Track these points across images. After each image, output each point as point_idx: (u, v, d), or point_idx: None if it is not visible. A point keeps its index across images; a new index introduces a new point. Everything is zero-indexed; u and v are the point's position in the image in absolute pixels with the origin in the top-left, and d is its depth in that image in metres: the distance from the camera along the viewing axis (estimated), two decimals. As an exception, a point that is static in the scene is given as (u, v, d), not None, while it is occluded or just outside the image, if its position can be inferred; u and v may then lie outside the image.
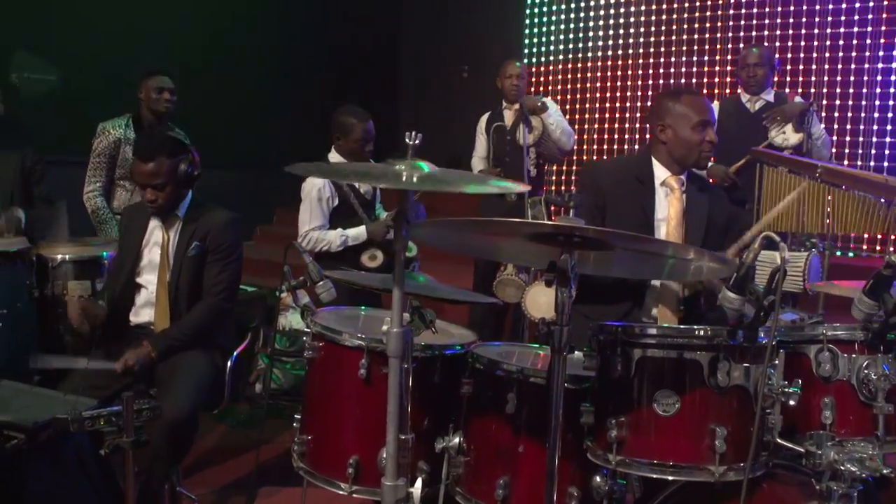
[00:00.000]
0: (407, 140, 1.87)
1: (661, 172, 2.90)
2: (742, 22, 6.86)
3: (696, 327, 1.98)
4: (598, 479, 2.17)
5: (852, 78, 6.32)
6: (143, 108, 4.63)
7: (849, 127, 6.31)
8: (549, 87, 7.94)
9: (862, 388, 2.06)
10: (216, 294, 3.25)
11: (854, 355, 2.08)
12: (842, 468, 1.81)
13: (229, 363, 3.27)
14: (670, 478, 1.99)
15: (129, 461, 2.33)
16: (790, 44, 6.59)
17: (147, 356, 3.08)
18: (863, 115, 6.28)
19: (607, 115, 7.67)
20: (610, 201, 2.84)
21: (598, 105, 7.72)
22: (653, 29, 7.35)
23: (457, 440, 2.37)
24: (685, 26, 7.17)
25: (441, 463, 2.40)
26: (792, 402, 1.93)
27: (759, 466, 2.01)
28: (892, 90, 6.22)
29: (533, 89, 7.90)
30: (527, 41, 8.09)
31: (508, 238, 2.10)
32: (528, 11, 8.07)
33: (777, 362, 1.96)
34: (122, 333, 3.27)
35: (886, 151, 6.25)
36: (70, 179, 4.67)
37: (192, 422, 2.97)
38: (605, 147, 7.65)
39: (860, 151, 6.30)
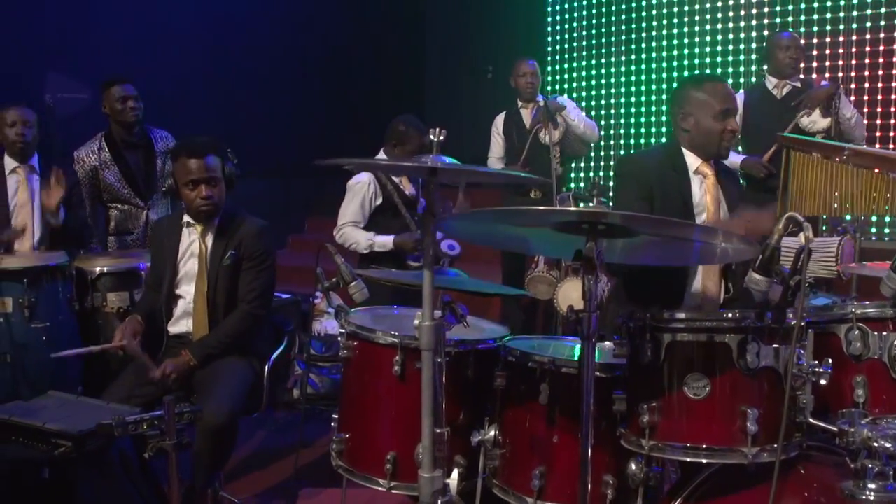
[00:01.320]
0: (431, 136, 1.91)
1: (692, 160, 2.87)
2: (766, 9, 6.81)
3: (724, 310, 1.99)
4: (633, 466, 2.18)
5: (881, 60, 6.25)
6: (111, 122, 4.44)
7: (879, 110, 6.24)
8: (574, 84, 7.94)
9: (894, 366, 2.05)
10: (250, 301, 3.29)
11: (885, 333, 2.08)
12: (876, 445, 1.80)
13: (266, 368, 3.32)
14: (703, 461, 2.00)
15: (173, 463, 2.39)
16: (815, 28, 6.53)
17: (186, 364, 3.14)
18: (893, 97, 6.20)
19: (633, 110, 7.66)
20: (656, 189, 2.80)
21: (622, 100, 7.71)
22: (675, 21, 7.32)
23: (492, 433, 2.40)
24: (707, 16, 7.13)
25: (478, 456, 2.43)
26: (822, 382, 1.93)
27: (792, 448, 2.01)
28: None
29: (557, 87, 7.92)
30: (549, 38, 8.10)
31: (535, 228, 2.12)
32: (549, 9, 8.08)
33: (806, 342, 1.97)
34: (161, 344, 3.33)
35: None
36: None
37: (232, 427, 3.01)
38: (633, 142, 7.62)
39: (892, 134, 6.22)
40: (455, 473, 2.12)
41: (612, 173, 7.07)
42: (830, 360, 1.94)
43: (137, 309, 3.45)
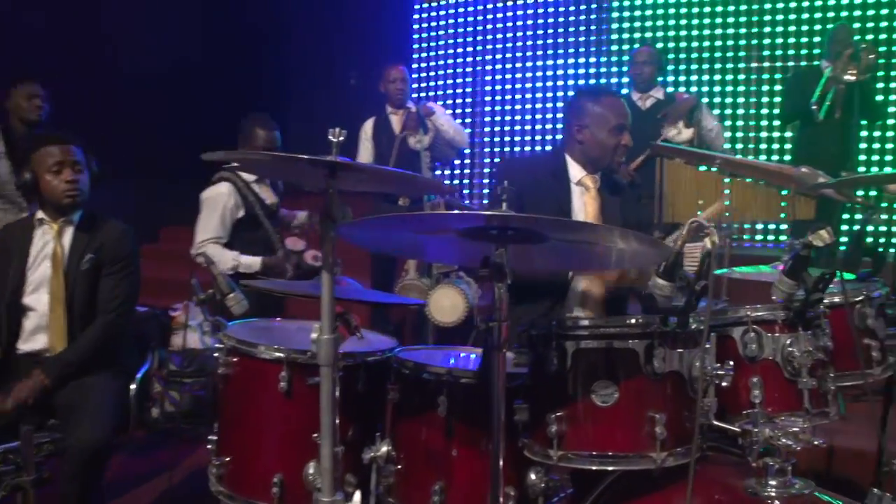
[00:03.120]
0: (330, 137, 1.80)
1: (575, 171, 2.89)
2: (635, 24, 7.10)
3: (630, 316, 1.99)
4: (532, 476, 2.14)
5: (741, 77, 6.63)
6: (13, 117, 4.42)
7: (740, 123, 6.63)
8: (439, 92, 7.98)
9: (786, 366, 2.12)
10: (111, 311, 3.06)
11: (777, 334, 2.14)
12: (778, 443, 1.85)
13: (133, 386, 3.08)
14: (611, 468, 1.99)
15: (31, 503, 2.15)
16: (680, 45, 6.86)
17: (40, 385, 2.85)
18: (752, 111, 6.59)
19: (497, 118, 7.77)
20: (527, 196, 2.77)
21: (488, 109, 7.81)
22: (540, 32, 7.49)
23: (385, 449, 2.29)
24: (571, 29, 7.35)
25: (369, 474, 2.33)
26: (724, 384, 1.97)
27: (696, 450, 2.03)
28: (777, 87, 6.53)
29: (423, 94, 7.93)
30: (416, 46, 8.11)
31: (436, 235, 2.04)
32: (416, 17, 8.09)
33: (709, 345, 1.99)
34: (10, 365, 3.00)
35: (775, 146, 6.59)
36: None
37: (108, 450, 2.77)
38: (498, 150, 7.75)
39: (751, 146, 6.61)
40: (357, 496, 2.00)
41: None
42: (732, 363, 1.98)
43: None
